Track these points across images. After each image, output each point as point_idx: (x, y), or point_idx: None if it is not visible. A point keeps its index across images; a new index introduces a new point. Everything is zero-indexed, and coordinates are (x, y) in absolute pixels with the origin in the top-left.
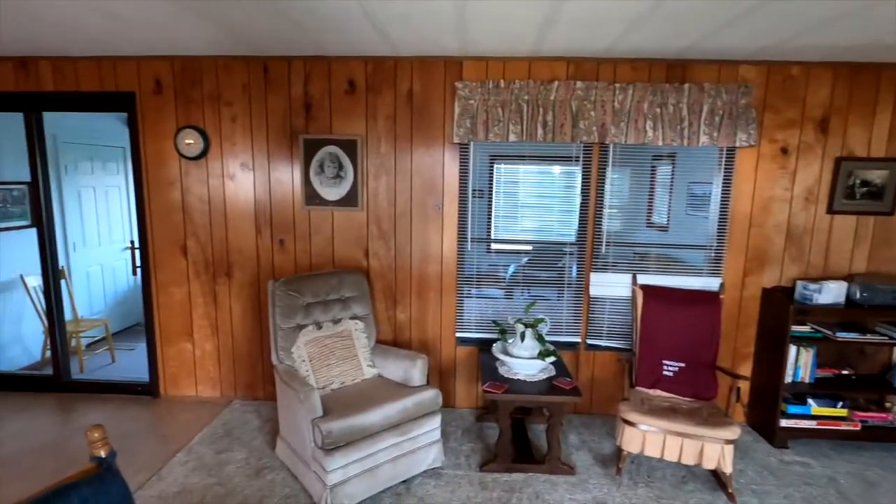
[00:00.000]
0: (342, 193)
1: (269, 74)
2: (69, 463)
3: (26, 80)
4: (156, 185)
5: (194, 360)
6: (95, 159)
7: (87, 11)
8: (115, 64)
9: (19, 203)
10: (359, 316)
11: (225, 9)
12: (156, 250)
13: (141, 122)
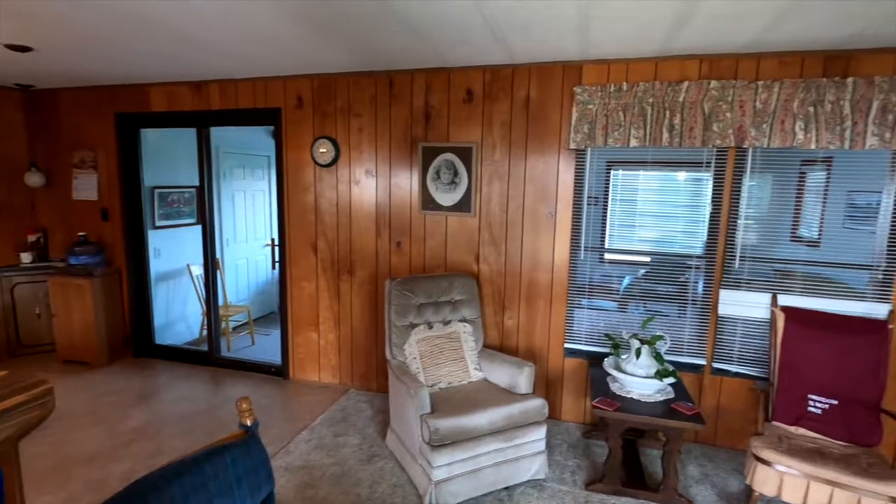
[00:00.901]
0: (456, 199)
1: (394, 88)
2: (218, 426)
3: (199, 101)
4: (294, 190)
5: (318, 348)
6: (246, 166)
7: (251, 43)
8: (267, 84)
9: (189, 204)
10: (467, 319)
11: (363, 31)
12: (292, 248)
13: (285, 134)
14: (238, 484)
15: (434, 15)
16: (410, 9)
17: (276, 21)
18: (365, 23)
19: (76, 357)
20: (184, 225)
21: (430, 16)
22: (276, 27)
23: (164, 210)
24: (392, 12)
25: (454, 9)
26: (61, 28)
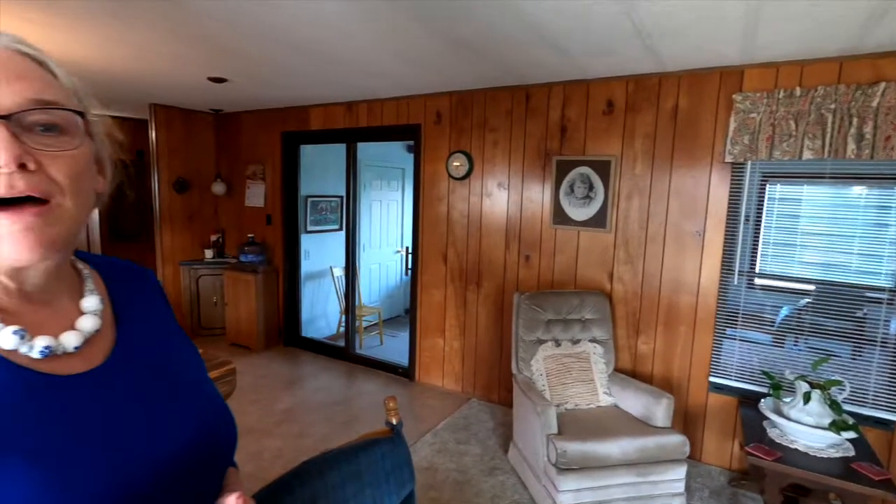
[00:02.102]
0: (590, 214)
1: (530, 101)
2: (352, 417)
3: (350, 119)
4: (429, 201)
5: (444, 355)
6: (383, 178)
7: (401, 63)
8: (409, 102)
9: (334, 211)
10: (598, 339)
11: (505, 48)
12: (423, 256)
13: (423, 148)
14: (387, 478)
15: (580, 28)
16: (555, 24)
17: (426, 40)
18: (507, 40)
19: (240, 342)
20: (329, 230)
21: (575, 29)
22: (425, 46)
23: (314, 216)
24: (535, 29)
25: (601, 18)
26: (249, 61)
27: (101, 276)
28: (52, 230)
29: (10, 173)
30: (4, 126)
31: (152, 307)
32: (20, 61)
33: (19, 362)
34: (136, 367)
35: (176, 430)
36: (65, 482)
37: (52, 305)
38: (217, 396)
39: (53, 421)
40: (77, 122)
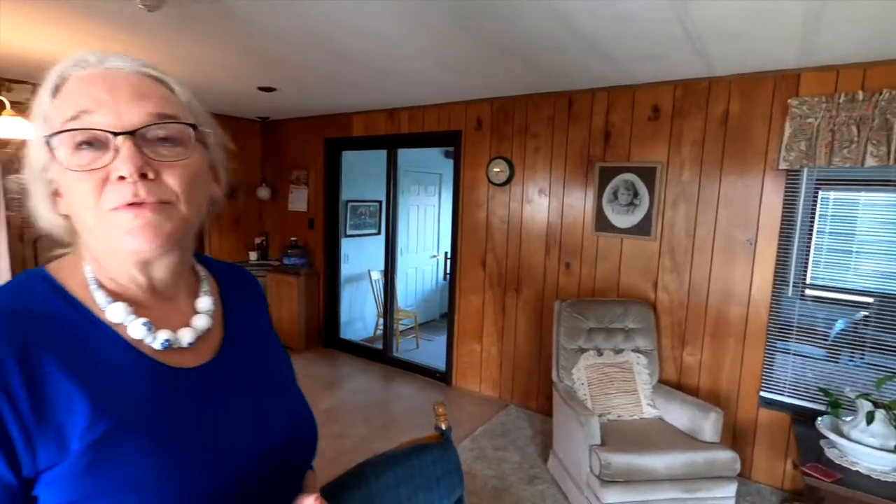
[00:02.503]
0: (634, 221)
1: (573, 107)
2: (391, 421)
3: (391, 125)
4: (468, 207)
5: (481, 360)
6: (420, 183)
7: (444, 71)
8: (450, 109)
9: (373, 216)
10: (641, 350)
11: (549, 54)
12: (462, 261)
13: (463, 154)
14: (437, 482)
15: (629, 34)
16: (604, 31)
17: (473, 49)
18: (555, 48)
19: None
20: (367, 235)
21: (624, 35)
22: (471, 55)
23: (353, 221)
24: (584, 36)
25: (651, 24)
26: (299, 71)
27: (214, 279)
28: (167, 226)
29: (134, 182)
30: (131, 141)
31: (255, 310)
32: (145, 82)
33: (143, 351)
34: (239, 365)
35: (269, 428)
36: (175, 465)
37: (174, 302)
38: (303, 399)
39: (168, 408)
40: (190, 133)
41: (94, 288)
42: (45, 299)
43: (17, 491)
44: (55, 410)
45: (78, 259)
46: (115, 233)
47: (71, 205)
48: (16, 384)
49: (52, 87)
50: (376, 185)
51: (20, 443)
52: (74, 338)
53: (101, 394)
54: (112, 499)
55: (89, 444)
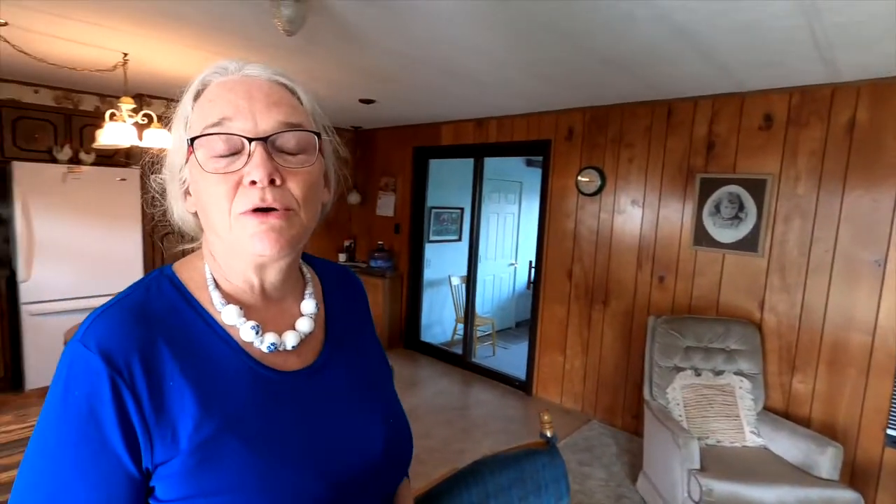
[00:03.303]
0: (738, 236)
1: (672, 116)
2: (472, 425)
3: (479, 135)
4: (555, 216)
5: (563, 372)
6: (500, 191)
7: (539, 81)
8: (540, 118)
9: (454, 223)
10: (745, 373)
11: (656, 64)
12: (547, 271)
13: (552, 163)
14: (546, 488)
15: (747, 42)
16: (719, 39)
17: (573, 62)
18: (662, 58)
19: None
20: (448, 241)
21: (742, 43)
22: (570, 67)
23: (436, 227)
24: (697, 45)
25: (774, 32)
26: (400, 85)
27: (320, 280)
28: (289, 232)
29: (263, 188)
30: (263, 147)
31: (358, 313)
32: (277, 90)
33: (251, 354)
34: (339, 369)
35: (368, 435)
36: (275, 470)
37: (280, 305)
38: (400, 406)
39: (271, 413)
40: (314, 142)
41: (212, 288)
42: (169, 298)
43: (139, 482)
44: (170, 408)
45: (199, 258)
46: (241, 235)
47: (201, 204)
48: (140, 381)
49: (194, 93)
50: (458, 193)
51: (142, 437)
52: (191, 337)
53: (210, 394)
54: (219, 499)
55: (197, 445)
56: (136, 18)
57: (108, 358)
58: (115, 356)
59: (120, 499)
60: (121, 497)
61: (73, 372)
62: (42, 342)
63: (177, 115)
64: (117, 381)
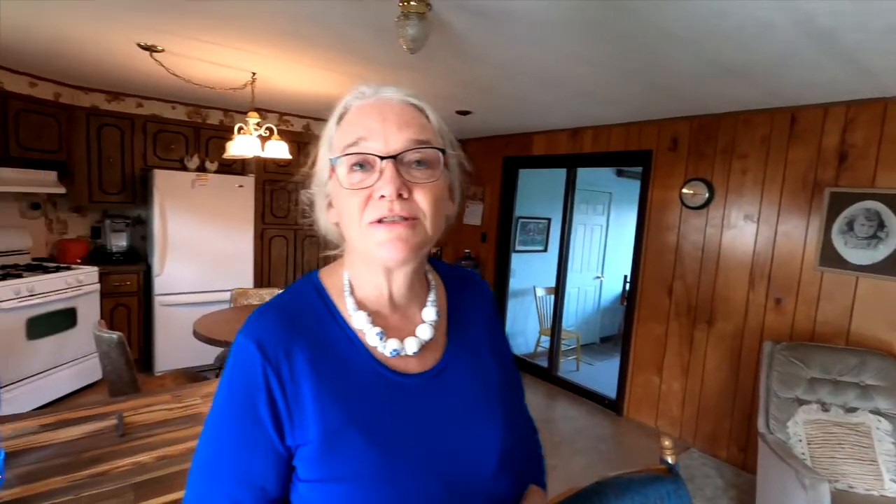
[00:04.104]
0: (877, 258)
1: (796, 125)
2: (561, 440)
3: (573, 145)
4: (655, 229)
5: (659, 393)
6: (588, 202)
7: (645, 89)
8: (641, 127)
9: (541, 233)
10: (884, 413)
11: (783, 70)
12: (644, 286)
13: (653, 175)
14: None
15: None
16: (867, 43)
17: (685, 68)
18: (794, 64)
19: None
20: (534, 251)
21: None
22: (683, 76)
23: (522, 237)
24: (838, 50)
25: None
26: (499, 96)
27: (444, 286)
28: (414, 240)
29: (391, 201)
30: (393, 164)
31: (482, 317)
32: (407, 110)
33: (377, 356)
34: (459, 375)
35: (483, 442)
36: (391, 466)
37: (405, 312)
38: (525, 418)
39: (390, 413)
40: (439, 157)
41: (347, 294)
42: (311, 301)
43: (283, 457)
44: (304, 399)
45: (341, 265)
46: (370, 243)
47: (340, 215)
48: (284, 370)
49: (337, 117)
50: (545, 203)
51: (284, 418)
52: (327, 337)
53: (339, 390)
54: (344, 485)
55: (325, 435)
56: (267, 41)
57: (261, 349)
58: (267, 348)
59: (269, 466)
60: (270, 465)
61: (237, 358)
62: (170, 331)
63: (323, 136)
64: (267, 369)
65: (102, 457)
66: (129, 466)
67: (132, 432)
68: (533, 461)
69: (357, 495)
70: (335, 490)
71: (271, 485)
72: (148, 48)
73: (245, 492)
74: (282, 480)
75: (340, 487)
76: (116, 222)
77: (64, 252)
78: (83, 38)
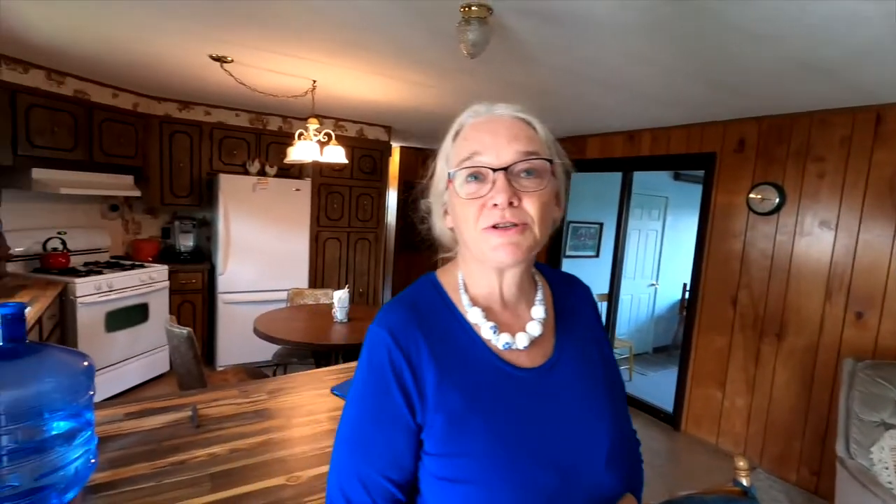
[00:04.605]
0: None
1: (881, 125)
2: None
3: (630, 148)
4: (719, 236)
5: (721, 409)
6: (643, 207)
7: (707, 88)
8: (703, 129)
9: (592, 238)
10: None
11: (869, 65)
12: (705, 295)
13: (716, 178)
14: None
15: None
16: None
17: (761, 65)
18: (879, 56)
19: None
20: (585, 256)
21: None
22: (755, 75)
23: (573, 242)
24: None
25: None
26: (559, 100)
27: (550, 288)
28: (524, 244)
29: (503, 209)
30: (504, 175)
31: (585, 320)
32: (517, 125)
33: (492, 349)
34: (567, 372)
35: (593, 437)
36: (508, 444)
37: (515, 310)
38: (630, 424)
39: (504, 399)
40: (547, 167)
41: (462, 292)
42: (430, 297)
43: (414, 431)
44: (428, 381)
45: (455, 266)
46: (484, 247)
47: (456, 222)
48: (413, 356)
49: (453, 134)
50: (597, 207)
51: (414, 397)
52: (446, 329)
53: (458, 377)
54: (466, 460)
55: (447, 416)
56: (329, 49)
57: (394, 336)
58: (399, 335)
59: (403, 441)
60: (404, 439)
61: (373, 345)
62: (231, 327)
63: (440, 151)
64: (399, 354)
65: (181, 446)
66: (204, 457)
67: (205, 424)
68: (635, 468)
69: (477, 472)
70: (458, 464)
71: (408, 460)
72: (219, 59)
73: (391, 467)
74: (415, 455)
75: (462, 462)
76: (184, 223)
77: (138, 251)
78: (162, 51)
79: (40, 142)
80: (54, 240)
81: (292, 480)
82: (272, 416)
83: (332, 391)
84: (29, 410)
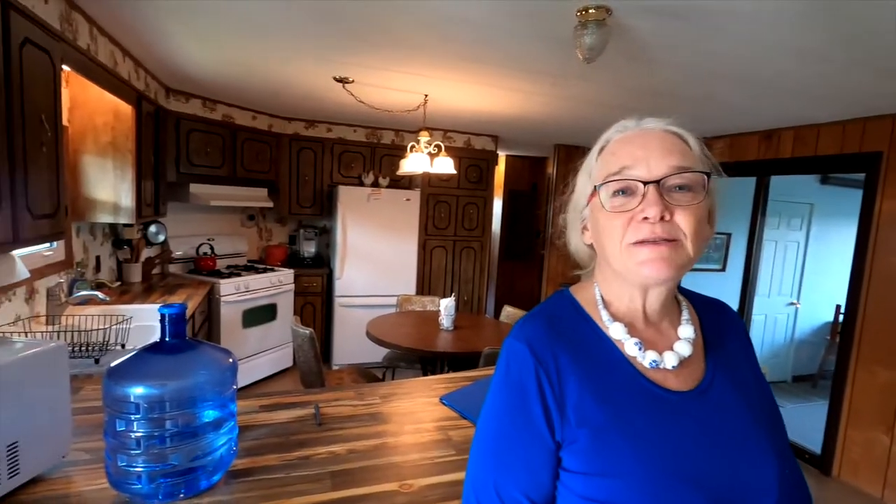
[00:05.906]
0: None
1: None
2: None
3: (766, 149)
4: (884, 249)
5: (888, 457)
6: (781, 215)
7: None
8: (863, 125)
9: (717, 250)
10: None
11: None
12: (866, 319)
13: (882, 182)
14: None
15: None
16: None
17: None
18: None
19: None
20: (709, 270)
21: None
22: None
23: None
24: None
25: None
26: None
27: (694, 310)
28: (676, 261)
29: (654, 223)
30: (656, 188)
31: (737, 347)
32: (668, 138)
33: (636, 367)
34: (725, 397)
35: (760, 469)
36: (653, 467)
37: (657, 328)
38: (794, 456)
39: (650, 419)
40: (703, 181)
41: (601, 307)
42: (567, 311)
43: (552, 449)
44: (570, 397)
45: (591, 282)
46: (631, 263)
47: (597, 237)
48: (552, 371)
49: (598, 149)
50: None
51: (554, 414)
52: (586, 344)
53: (600, 393)
54: (614, 481)
55: (588, 433)
56: (440, 65)
57: (533, 350)
58: (538, 349)
59: (541, 458)
60: (542, 456)
61: (511, 358)
62: (346, 329)
63: (583, 167)
64: (538, 368)
65: (305, 442)
66: (326, 455)
67: (326, 423)
68: None
69: (622, 493)
70: (607, 485)
71: (545, 477)
72: (341, 80)
73: (528, 484)
74: (553, 473)
75: (611, 483)
76: (308, 231)
77: (269, 256)
78: (292, 75)
79: (197, 161)
80: (205, 245)
81: (405, 488)
82: (385, 421)
83: (442, 400)
84: (187, 399)
